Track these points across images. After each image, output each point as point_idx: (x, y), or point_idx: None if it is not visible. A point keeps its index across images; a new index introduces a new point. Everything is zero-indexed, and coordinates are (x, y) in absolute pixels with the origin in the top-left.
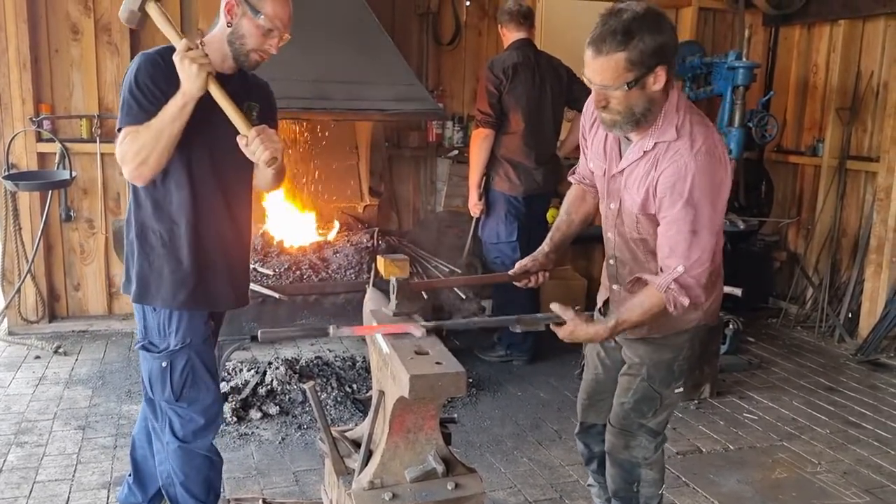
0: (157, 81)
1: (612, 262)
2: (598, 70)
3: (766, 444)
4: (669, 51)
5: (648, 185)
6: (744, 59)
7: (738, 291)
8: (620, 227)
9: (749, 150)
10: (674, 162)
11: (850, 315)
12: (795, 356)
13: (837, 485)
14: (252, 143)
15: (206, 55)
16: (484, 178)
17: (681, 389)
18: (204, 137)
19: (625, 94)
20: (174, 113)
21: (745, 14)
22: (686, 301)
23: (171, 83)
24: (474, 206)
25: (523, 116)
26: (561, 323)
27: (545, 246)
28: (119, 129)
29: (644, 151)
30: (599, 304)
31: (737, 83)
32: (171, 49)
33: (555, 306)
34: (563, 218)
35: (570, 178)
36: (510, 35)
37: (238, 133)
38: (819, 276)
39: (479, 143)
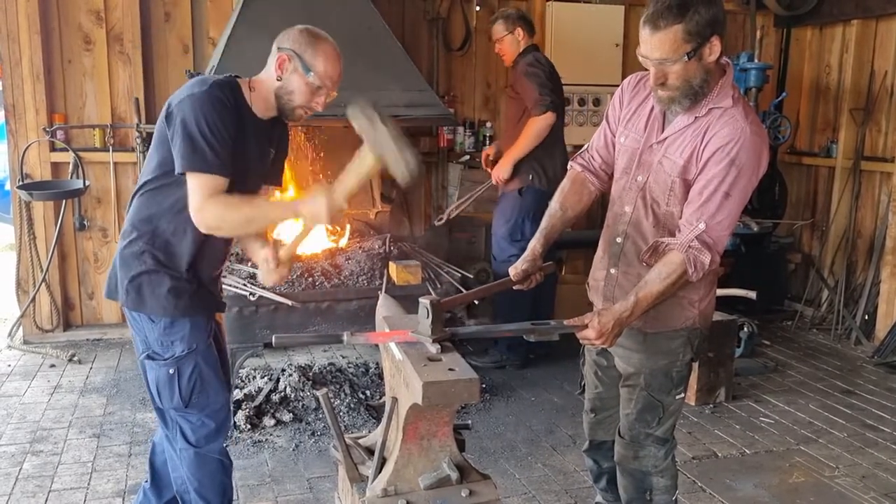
0: (226, 123)
1: (619, 240)
2: (657, 45)
3: (782, 448)
4: (722, 22)
5: (695, 147)
6: (756, 61)
7: (752, 294)
8: (645, 199)
9: None
10: (728, 125)
11: (866, 317)
12: (811, 359)
13: (856, 489)
14: (272, 272)
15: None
16: (530, 175)
17: (682, 396)
18: (240, 168)
19: (684, 66)
20: (275, 218)
21: (756, 15)
22: (707, 259)
23: (235, 125)
24: (500, 175)
25: (560, 113)
26: (583, 328)
27: (538, 245)
28: (186, 171)
29: (696, 117)
30: (596, 301)
31: (749, 85)
32: (231, 87)
33: (567, 323)
34: (557, 213)
35: (575, 163)
36: (524, 39)
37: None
38: (834, 277)
39: (542, 130)
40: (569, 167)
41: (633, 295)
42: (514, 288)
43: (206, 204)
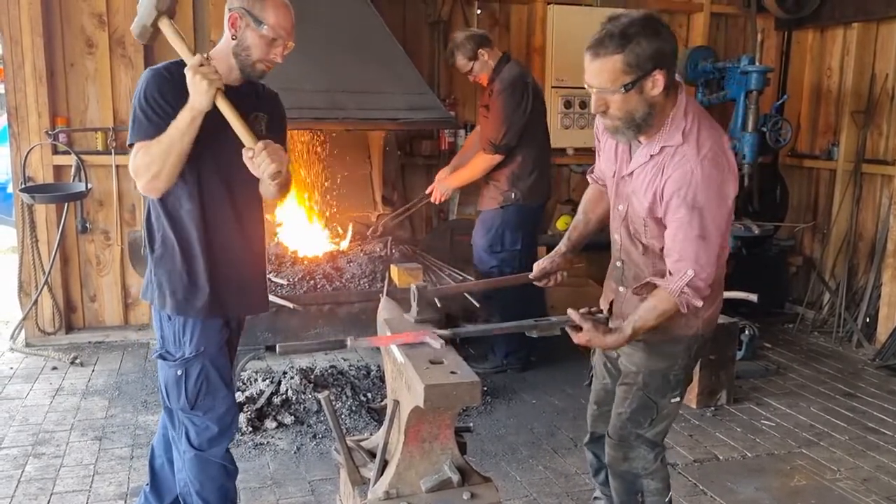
0: (165, 95)
1: (619, 263)
2: (596, 72)
3: (784, 450)
4: (668, 56)
5: (655, 189)
6: (757, 64)
7: (753, 297)
8: (629, 229)
9: (763, 155)
10: (680, 167)
11: (867, 320)
12: (813, 362)
13: (857, 492)
14: (257, 156)
15: (217, 71)
16: (513, 194)
17: (678, 400)
18: (213, 149)
19: (623, 97)
20: (183, 127)
21: (757, 18)
22: (699, 303)
23: (179, 97)
24: (438, 198)
25: (546, 126)
26: (578, 329)
27: (562, 246)
28: (131, 144)
29: (651, 155)
30: (604, 307)
31: (750, 88)
32: (179, 63)
33: (572, 313)
34: (580, 217)
35: (588, 177)
36: (491, 56)
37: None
38: (836, 280)
39: (487, 168)
40: (587, 178)
41: (629, 326)
42: (531, 283)
43: (133, 162)
